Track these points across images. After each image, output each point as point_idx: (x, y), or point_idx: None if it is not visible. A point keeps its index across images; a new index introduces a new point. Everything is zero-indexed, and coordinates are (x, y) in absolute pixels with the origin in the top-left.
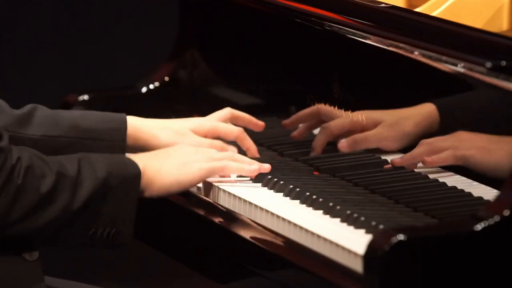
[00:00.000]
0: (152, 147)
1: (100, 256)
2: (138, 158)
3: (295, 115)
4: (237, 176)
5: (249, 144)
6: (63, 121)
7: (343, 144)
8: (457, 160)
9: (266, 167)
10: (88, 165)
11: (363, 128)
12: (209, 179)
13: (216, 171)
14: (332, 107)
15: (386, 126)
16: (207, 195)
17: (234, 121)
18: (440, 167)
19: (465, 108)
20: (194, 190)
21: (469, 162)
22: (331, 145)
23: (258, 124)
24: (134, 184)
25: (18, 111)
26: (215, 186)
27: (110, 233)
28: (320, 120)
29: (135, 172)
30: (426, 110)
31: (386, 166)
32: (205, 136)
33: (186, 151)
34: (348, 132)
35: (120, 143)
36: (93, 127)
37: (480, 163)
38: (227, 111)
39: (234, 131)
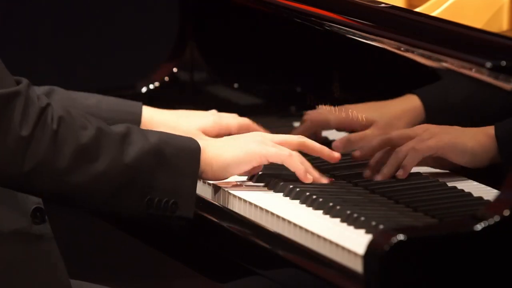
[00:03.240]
0: None
1: (99, 256)
2: (198, 140)
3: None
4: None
5: None
6: (78, 109)
7: (337, 144)
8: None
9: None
10: (138, 131)
11: (352, 126)
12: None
13: (275, 156)
14: (324, 109)
15: (379, 127)
16: (207, 195)
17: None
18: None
19: (464, 108)
20: None
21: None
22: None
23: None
24: (193, 157)
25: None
26: (214, 186)
27: (168, 203)
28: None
29: (194, 146)
30: (417, 108)
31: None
32: (217, 136)
33: (251, 135)
34: (333, 125)
35: None
36: (107, 117)
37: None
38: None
39: (246, 125)
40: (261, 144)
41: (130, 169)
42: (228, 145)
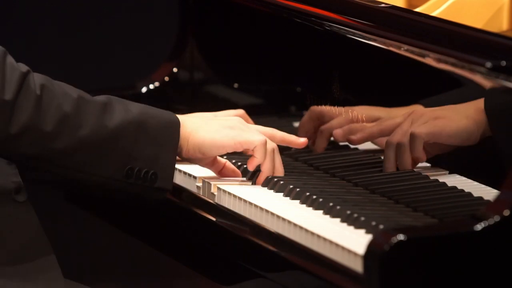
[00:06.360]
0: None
1: (98, 256)
2: (178, 115)
3: (299, 126)
4: (237, 177)
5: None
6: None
7: (338, 132)
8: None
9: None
10: (119, 101)
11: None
12: (209, 180)
13: (248, 143)
14: (332, 107)
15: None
16: (207, 195)
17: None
18: (440, 167)
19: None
20: (194, 190)
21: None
22: (331, 144)
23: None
24: (173, 130)
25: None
26: (215, 186)
27: (148, 174)
28: (322, 122)
29: (174, 120)
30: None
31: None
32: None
33: (232, 119)
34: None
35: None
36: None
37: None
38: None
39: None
40: (237, 130)
41: (112, 136)
42: (206, 124)
